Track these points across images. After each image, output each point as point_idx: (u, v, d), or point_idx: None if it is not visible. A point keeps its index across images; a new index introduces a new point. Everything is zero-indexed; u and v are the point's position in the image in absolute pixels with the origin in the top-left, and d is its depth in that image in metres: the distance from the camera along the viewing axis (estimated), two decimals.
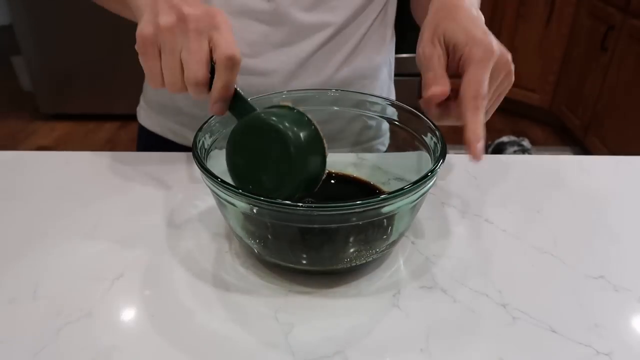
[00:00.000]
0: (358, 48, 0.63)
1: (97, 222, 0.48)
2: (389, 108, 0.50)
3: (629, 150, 1.90)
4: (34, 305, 0.39)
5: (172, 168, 0.57)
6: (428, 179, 0.37)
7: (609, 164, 0.60)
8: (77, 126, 2.53)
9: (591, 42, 2.14)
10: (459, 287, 0.41)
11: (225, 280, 0.41)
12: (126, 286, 0.41)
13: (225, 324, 0.37)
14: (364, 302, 0.39)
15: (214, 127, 0.45)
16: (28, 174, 0.57)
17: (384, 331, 0.37)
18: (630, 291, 0.41)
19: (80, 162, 0.59)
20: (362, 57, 0.64)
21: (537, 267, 0.43)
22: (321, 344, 0.36)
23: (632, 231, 0.48)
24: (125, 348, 0.35)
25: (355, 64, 0.64)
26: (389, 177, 0.51)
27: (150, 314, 0.38)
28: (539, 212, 0.51)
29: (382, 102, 0.50)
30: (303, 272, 0.42)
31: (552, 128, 2.57)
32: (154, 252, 0.44)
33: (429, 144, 0.44)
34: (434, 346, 0.35)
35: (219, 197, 0.39)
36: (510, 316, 0.38)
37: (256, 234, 0.41)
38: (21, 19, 2.31)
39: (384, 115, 0.51)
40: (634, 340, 0.36)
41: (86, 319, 0.37)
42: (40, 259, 0.44)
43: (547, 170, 0.58)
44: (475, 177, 0.56)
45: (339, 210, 0.35)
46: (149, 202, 0.51)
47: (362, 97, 0.51)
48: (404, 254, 0.45)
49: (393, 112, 0.50)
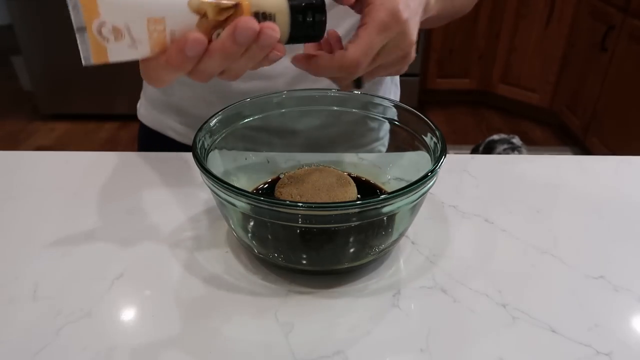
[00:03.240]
0: None
1: (97, 222, 0.48)
2: (389, 108, 0.50)
3: (629, 150, 1.90)
4: (34, 305, 0.39)
5: (172, 168, 0.57)
6: (428, 179, 0.37)
7: (609, 164, 0.60)
8: (77, 126, 2.53)
9: (591, 42, 2.14)
10: (459, 287, 0.41)
11: (225, 280, 0.41)
12: (126, 286, 0.41)
13: (225, 324, 0.37)
14: (364, 302, 0.40)
15: (214, 127, 0.45)
16: (28, 174, 0.57)
17: (384, 331, 0.37)
18: (630, 291, 0.41)
19: (80, 162, 0.59)
20: None
21: (537, 267, 0.43)
22: (321, 344, 0.36)
23: (632, 231, 0.48)
24: (125, 348, 0.35)
25: None
26: (389, 177, 0.51)
27: (150, 314, 0.38)
28: (539, 212, 0.51)
29: (382, 102, 0.50)
30: (303, 272, 0.42)
31: (552, 128, 2.57)
32: (154, 252, 0.44)
33: (429, 144, 0.44)
34: (434, 346, 0.35)
35: (219, 197, 0.39)
36: (510, 316, 0.38)
37: (256, 234, 0.41)
38: (21, 19, 2.32)
39: (384, 116, 0.51)
40: (634, 340, 0.36)
41: (86, 319, 0.37)
42: (40, 259, 0.44)
43: (547, 170, 0.58)
44: (475, 177, 0.56)
45: (339, 210, 0.35)
46: (149, 202, 0.51)
47: (363, 97, 0.51)
48: (404, 254, 0.45)
49: (393, 112, 0.50)
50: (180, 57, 0.32)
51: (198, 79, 0.35)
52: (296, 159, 0.53)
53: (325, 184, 0.45)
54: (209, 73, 0.34)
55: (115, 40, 0.32)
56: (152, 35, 0.32)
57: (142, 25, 0.32)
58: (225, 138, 0.47)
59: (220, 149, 0.46)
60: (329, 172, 0.48)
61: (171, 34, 0.32)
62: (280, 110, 0.51)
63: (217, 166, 0.45)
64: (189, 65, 0.33)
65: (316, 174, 0.47)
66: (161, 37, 0.32)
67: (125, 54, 0.32)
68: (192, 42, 0.31)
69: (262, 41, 0.33)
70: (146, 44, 0.32)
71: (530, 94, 2.56)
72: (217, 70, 0.34)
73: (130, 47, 0.32)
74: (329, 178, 0.46)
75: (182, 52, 0.32)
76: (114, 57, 0.32)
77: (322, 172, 0.47)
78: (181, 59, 0.32)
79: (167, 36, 0.32)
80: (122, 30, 0.31)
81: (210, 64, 0.33)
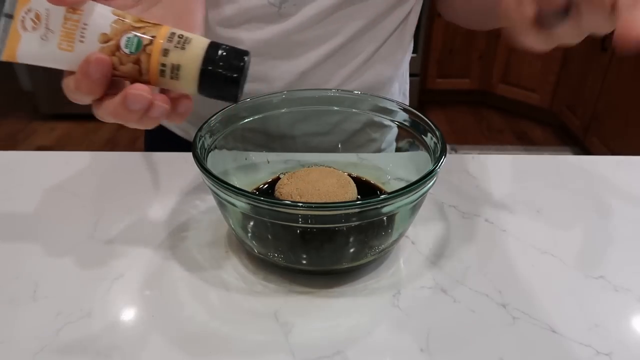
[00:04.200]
0: (368, 62, 0.60)
1: (97, 222, 0.48)
2: (390, 109, 0.50)
3: (629, 150, 1.90)
4: (34, 305, 0.39)
5: (172, 168, 0.57)
6: (428, 179, 0.37)
7: (609, 164, 0.60)
8: (77, 126, 2.53)
9: (591, 42, 2.14)
10: (459, 287, 0.41)
11: (225, 280, 0.41)
12: (126, 286, 0.41)
13: (225, 324, 0.37)
14: (364, 302, 0.40)
15: (214, 127, 0.45)
16: (28, 174, 0.57)
17: (384, 331, 0.37)
18: (630, 291, 0.41)
19: (80, 162, 0.59)
20: (371, 72, 0.61)
21: (537, 267, 0.43)
22: (321, 344, 0.36)
23: (632, 231, 0.48)
24: (125, 348, 0.35)
25: (362, 79, 0.60)
26: (389, 177, 0.51)
27: (150, 314, 0.38)
28: (539, 212, 0.51)
29: (383, 102, 0.50)
30: (303, 272, 0.42)
31: (552, 128, 2.57)
32: (154, 252, 0.44)
33: (429, 144, 0.44)
34: (434, 346, 0.35)
35: (219, 197, 0.39)
36: (510, 316, 0.38)
37: (256, 234, 0.41)
38: None
39: (384, 116, 0.50)
40: (634, 340, 0.36)
41: (86, 319, 0.37)
42: (40, 259, 0.44)
43: (547, 170, 0.58)
44: (475, 177, 0.56)
45: (339, 210, 0.35)
46: (149, 202, 0.51)
47: (363, 97, 0.51)
48: (404, 254, 0.45)
49: (394, 112, 0.50)
50: (85, 80, 0.31)
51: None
52: (296, 159, 0.53)
53: (325, 184, 0.45)
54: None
55: (32, 29, 0.32)
56: (65, 25, 0.32)
57: (60, 13, 0.31)
58: (225, 138, 0.47)
59: (221, 149, 0.46)
60: (329, 172, 0.48)
61: (82, 28, 0.32)
62: (279, 111, 0.51)
63: (217, 166, 0.45)
64: (96, 88, 0.32)
65: (316, 174, 0.47)
66: (72, 29, 0.32)
67: (34, 47, 0.32)
68: (94, 63, 0.31)
69: (152, 113, 0.32)
70: (57, 34, 0.32)
71: (530, 94, 2.56)
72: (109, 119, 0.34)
73: (42, 39, 0.32)
74: (329, 178, 0.46)
75: (86, 75, 0.31)
76: (22, 50, 0.32)
77: (322, 172, 0.47)
78: (87, 82, 0.31)
79: (78, 30, 0.32)
80: (41, 16, 0.31)
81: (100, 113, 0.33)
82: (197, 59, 0.32)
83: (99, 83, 0.32)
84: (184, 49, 0.32)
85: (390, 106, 0.49)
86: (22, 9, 0.31)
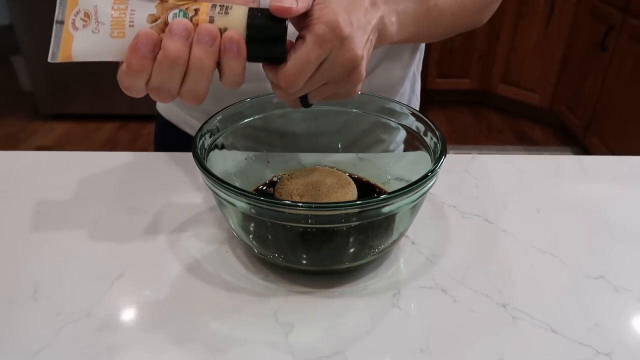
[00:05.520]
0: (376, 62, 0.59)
1: (97, 222, 0.48)
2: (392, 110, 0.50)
3: (629, 150, 1.90)
4: (34, 305, 0.39)
5: (172, 168, 0.57)
6: (428, 179, 0.37)
7: (609, 164, 0.60)
8: (77, 126, 2.53)
9: (591, 42, 2.14)
10: (459, 287, 0.41)
11: (225, 280, 0.41)
12: (126, 286, 0.41)
13: (225, 324, 0.37)
14: (364, 302, 0.39)
15: (214, 127, 0.45)
16: (28, 174, 0.57)
17: (384, 331, 0.37)
18: (630, 291, 0.41)
19: (80, 162, 0.59)
20: (380, 72, 0.60)
21: (537, 267, 0.43)
22: (321, 344, 0.36)
23: (632, 231, 0.48)
24: (125, 348, 0.35)
25: (370, 78, 0.60)
26: (389, 177, 0.51)
27: (150, 314, 0.38)
28: (539, 212, 0.51)
29: (384, 102, 0.50)
30: (303, 272, 0.42)
31: (552, 128, 2.57)
32: (154, 252, 0.44)
33: (429, 144, 0.44)
34: (434, 346, 0.35)
35: (219, 197, 0.39)
36: (510, 316, 0.38)
37: (256, 234, 0.41)
38: (21, 19, 2.31)
39: (383, 116, 0.50)
40: (634, 340, 0.36)
41: (86, 319, 0.37)
42: (40, 259, 0.44)
43: (547, 170, 0.58)
44: (475, 177, 0.56)
45: (339, 210, 0.35)
46: (148, 202, 0.51)
47: (363, 97, 0.51)
48: (404, 254, 0.45)
49: (394, 112, 0.50)
50: (135, 56, 0.32)
51: (161, 95, 0.35)
52: (296, 159, 0.53)
53: (325, 184, 0.45)
54: (167, 84, 0.34)
55: (82, 27, 0.33)
56: (114, 15, 0.33)
57: (108, 5, 0.33)
58: (226, 138, 0.47)
59: (221, 149, 0.46)
60: (329, 172, 0.48)
61: (130, 14, 0.33)
62: (280, 110, 0.51)
63: (217, 166, 0.45)
64: (146, 63, 0.33)
65: (316, 174, 0.47)
66: (121, 16, 0.33)
67: (87, 42, 0.34)
68: (142, 36, 0.32)
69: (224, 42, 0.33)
70: (107, 25, 0.33)
71: (530, 94, 2.56)
72: (172, 80, 0.34)
73: (94, 32, 0.33)
74: (329, 178, 0.46)
75: (135, 50, 0.32)
76: (76, 48, 0.34)
77: (322, 172, 0.47)
78: (137, 58, 0.32)
79: (127, 16, 0.33)
80: (90, 13, 0.33)
81: (163, 74, 0.34)
82: (242, 20, 0.33)
83: (149, 58, 0.33)
84: (227, 14, 0.33)
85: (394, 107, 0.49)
86: (72, 12, 0.34)
